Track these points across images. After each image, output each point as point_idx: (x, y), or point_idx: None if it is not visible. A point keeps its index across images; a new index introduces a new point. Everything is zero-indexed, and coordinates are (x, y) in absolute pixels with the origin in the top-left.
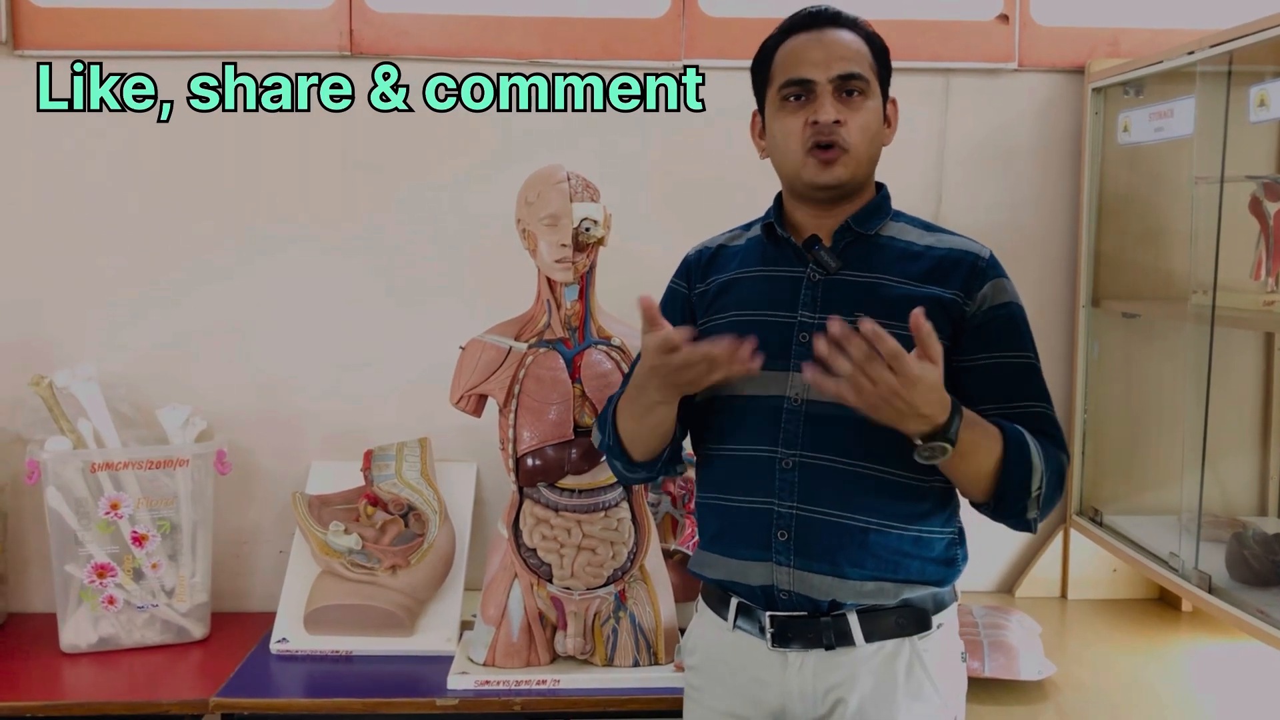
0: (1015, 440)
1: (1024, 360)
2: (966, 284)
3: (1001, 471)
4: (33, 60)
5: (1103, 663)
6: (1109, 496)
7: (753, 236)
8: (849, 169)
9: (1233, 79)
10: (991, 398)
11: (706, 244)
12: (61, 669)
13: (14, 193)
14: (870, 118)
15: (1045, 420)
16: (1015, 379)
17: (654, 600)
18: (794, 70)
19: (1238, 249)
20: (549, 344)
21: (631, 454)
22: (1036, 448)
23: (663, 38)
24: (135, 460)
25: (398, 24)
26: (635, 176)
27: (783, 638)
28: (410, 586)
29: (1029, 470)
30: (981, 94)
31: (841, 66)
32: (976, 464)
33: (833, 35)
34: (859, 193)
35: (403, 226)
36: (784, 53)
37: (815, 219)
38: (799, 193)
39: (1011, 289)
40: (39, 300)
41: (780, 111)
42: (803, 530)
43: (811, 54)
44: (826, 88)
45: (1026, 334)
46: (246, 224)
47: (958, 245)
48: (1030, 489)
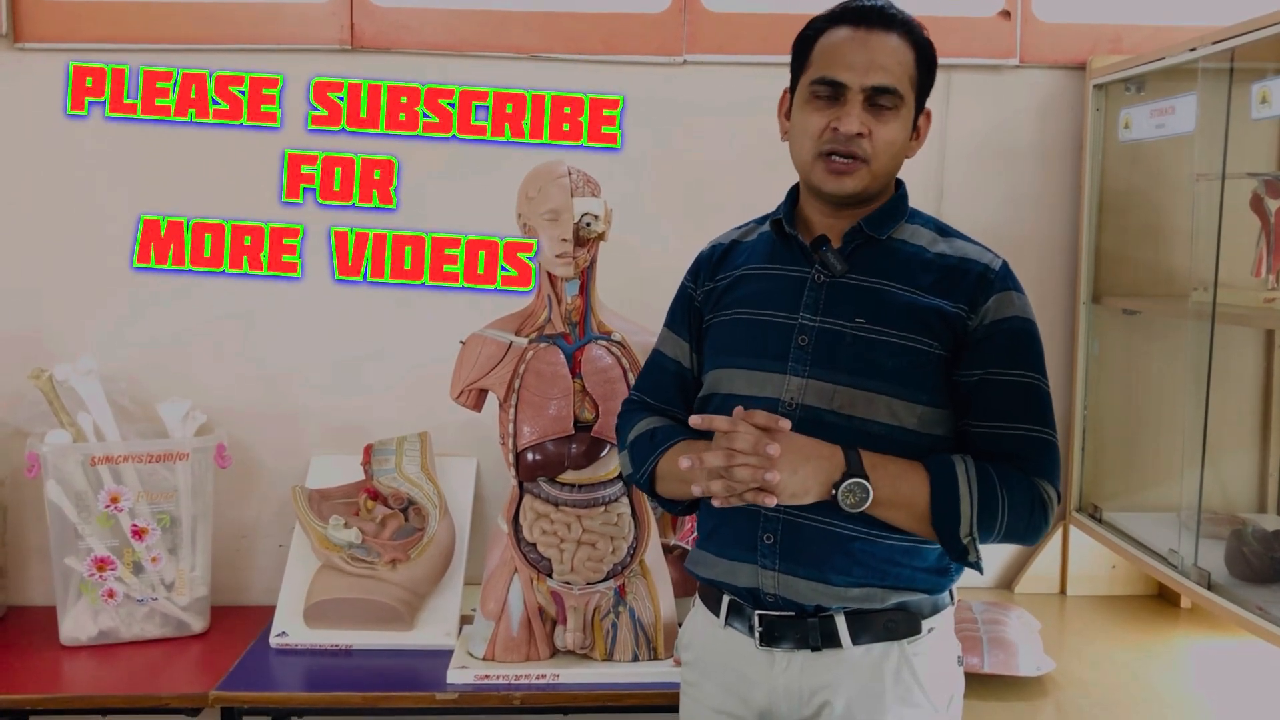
0: (941, 483)
1: (1019, 379)
2: (972, 297)
3: (931, 515)
4: (34, 53)
5: (1102, 659)
6: (1109, 493)
7: (764, 232)
8: (863, 182)
9: (1234, 76)
10: (979, 415)
11: (720, 240)
12: (61, 662)
13: (15, 185)
14: (896, 133)
15: (1028, 444)
16: (1008, 398)
17: (654, 595)
18: (829, 69)
19: (1238, 246)
20: (549, 339)
21: (660, 492)
22: (972, 488)
23: (664, 33)
24: (135, 454)
25: (399, 18)
26: (637, 171)
27: (770, 637)
28: (410, 581)
29: (955, 515)
30: (983, 90)
31: (878, 78)
32: (905, 505)
33: (880, 39)
34: (874, 198)
35: (399, 212)
36: (826, 44)
37: (826, 218)
38: (811, 189)
39: (1020, 304)
40: (39, 293)
41: (807, 105)
42: (789, 535)
43: (852, 56)
44: (857, 96)
45: (1030, 352)
46: (247, 217)
47: (970, 254)
48: (958, 534)
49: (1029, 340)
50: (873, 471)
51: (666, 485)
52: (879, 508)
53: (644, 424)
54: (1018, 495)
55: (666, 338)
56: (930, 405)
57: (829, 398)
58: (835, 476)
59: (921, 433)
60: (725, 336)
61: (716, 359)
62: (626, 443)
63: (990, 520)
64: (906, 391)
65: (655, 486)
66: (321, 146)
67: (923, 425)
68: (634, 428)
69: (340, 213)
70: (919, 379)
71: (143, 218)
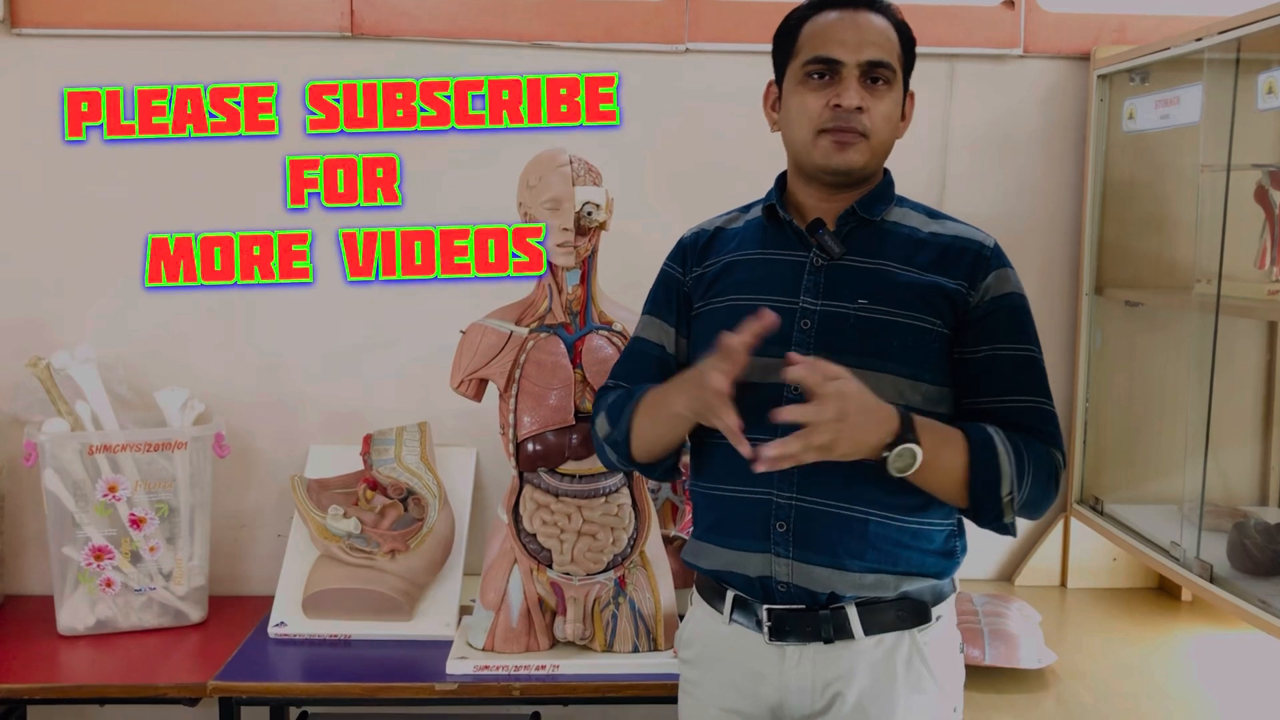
0: (980, 444)
1: (1023, 353)
2: (970, 274)
3: (970, 477)
4: (31, 39)
5: (1103, 651)
6: (1110, 485)
7: (752, 219)
8: (864, 155)
9: (1241, 66)
10: (988, 390)
11: (703, 226)
12: (59, 651)
13: (13, 173)
14: (892, 108)
15: (1038, 415)
16: (1012, 372)
17: (654, 586)
18: (822, 48)
19: (1242, 238)
20: (550, 329)
21: (635, 454)
22: (1008, 451)
23: (666, 21)
24: (133, 443)
25: (400, 5)
26: (638, 160)
27: (780, 631)
28: (409, 571)
29: (997, 475)
30: (987, 80)
31: (872, 52)
32: (945, 468)
33: (866, 18)
34: (867, 179)
35: (405, 208)
36: (813, 27)
37: (820, 202)
38: (807, 172)
39: (1015, 280)
40: (38, 281)
41: (801, 87)
42: (802, 521)
43: (843, 34)
44: (854, 71)
45: (1028, 326)
46: (246, 205)
47: (963, 234)
48: (999, 494)
49: (1026, 315)
50: (921, 434)
51: (645, 434)
52: (921, 472)
53: (618, 394)
54: (1040, 462)
55: (649, 324)
56: (934, 383)
57: None
58: (888, 439)
59: (926, 410)
60: (721, 323)
61: (713, 346)
62: (601, 409)
63: (1020, 484)
64: (912, 370)
65: (632, 442)
66: (322, 150)
67: (927, 403)
68: (609, 397)
69: (346, 214)
70: (924, 357)
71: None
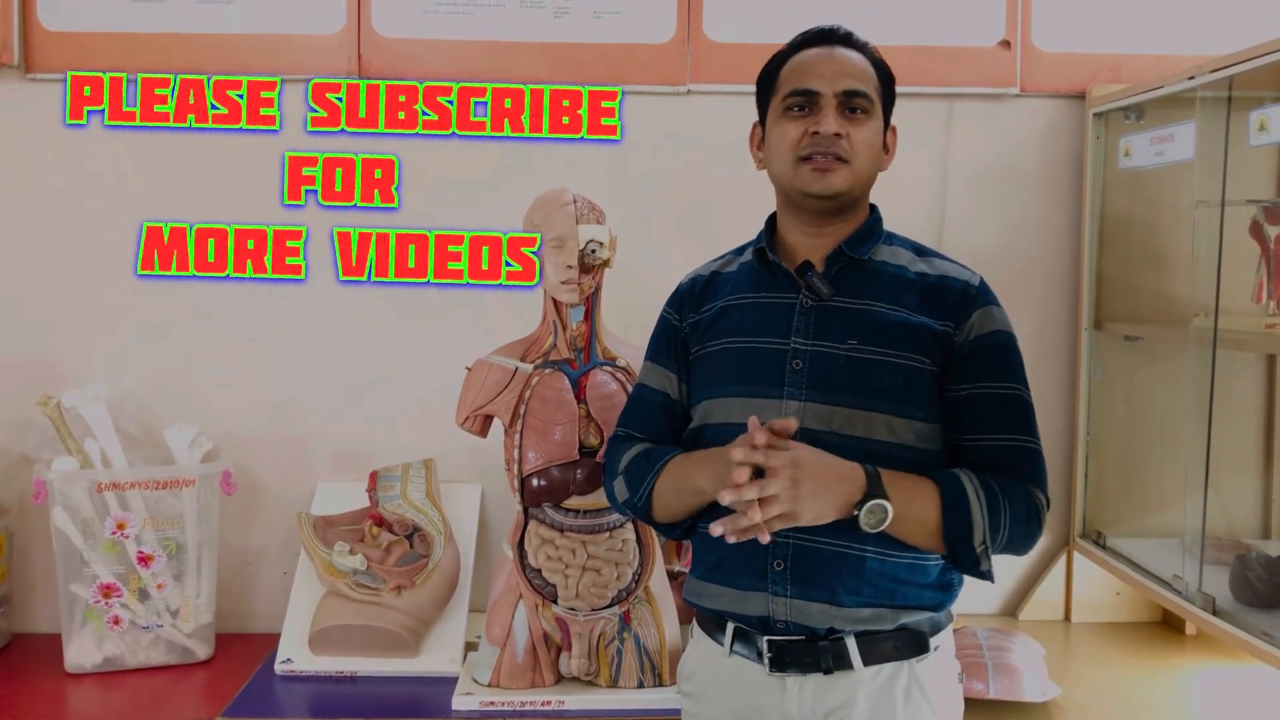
0: (951, 496)
1: (1006, 391)
2: (956, 313)
3: (943, 528)
4: (44, 83)
5: (1107, 685)
6: (1112, 519)
7: (744, 262)
8: (847, 181)
9: (1233, 104)
10: (970, 428)
11: (699, 272)
12: (66, 689)
13: (25, 213)
14: (872, 136)
15: (1018, 454)
16: (996, 410)
17: (658, 621)
18: (800, 81)
19: (1239, 272)
20: (555, 365)
21: (657, 518)
22: (980, 500)
23: (668, 63)
24: (141, 480)
25: (406, 49)
26: (641, 199)
27: (780, 662)
28: (415, 607)
29: (969, 525)
30: (984, 119)
31: (848, 83)
32: (918, 520)
33: (843, 53)
34: (853, 211)
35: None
36: (792, 65)
37: (808, 239)
38: (793, 201)
39: (1001, 317)
40: (47, 321)
41: (782, 119)
42: (799, 559)
43: (820, 67)
44: (831, 100)
45: (1014, 364)
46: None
47: (949, 273)
48: (972, 544)
49: (1011, 353)
50: (890, 489)
51: (666, 502)
52: (894, 525)
53: (635, 449)
54: (1017, 504)
55: (651, 370)
56: (926, 421)
57: (828, 419)
58: (856, 497)
59: (919, 448)
60: (716, 366)
61: (708, 389)
62: (618, 470)
63: (995, 530)
64: (903, 409)
65: (653, 507)
66: (322, 148)
67: (919, 441)
68: (624, 455)
69: (342, 213)
70: (914, 395)
71: (145, 224)
